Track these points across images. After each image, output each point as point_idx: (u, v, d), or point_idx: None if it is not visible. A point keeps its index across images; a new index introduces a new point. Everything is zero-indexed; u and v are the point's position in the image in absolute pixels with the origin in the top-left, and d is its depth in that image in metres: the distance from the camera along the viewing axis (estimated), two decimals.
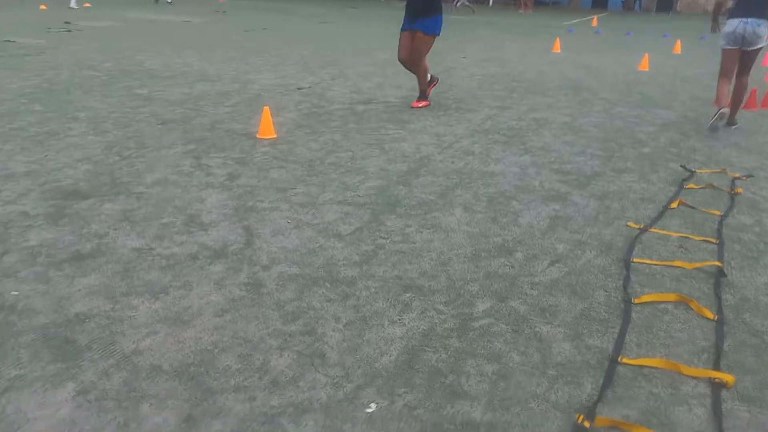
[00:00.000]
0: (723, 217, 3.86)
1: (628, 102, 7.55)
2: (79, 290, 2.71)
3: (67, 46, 10.46)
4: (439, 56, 10.10)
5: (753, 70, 6.24)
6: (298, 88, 7.46)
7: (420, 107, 6.64)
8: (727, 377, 2.27)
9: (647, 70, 10.13)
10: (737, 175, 4.72)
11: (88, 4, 20.09)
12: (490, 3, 31.66)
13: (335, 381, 2.20)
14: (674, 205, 4.04)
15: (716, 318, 2.68)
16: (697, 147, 5.53)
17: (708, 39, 15.89)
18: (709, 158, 5.19)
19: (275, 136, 5.30)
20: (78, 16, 16.42)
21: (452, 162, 4.83)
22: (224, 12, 19.61)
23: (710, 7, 17.69)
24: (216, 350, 2.34)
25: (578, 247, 3.39)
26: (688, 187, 4.42)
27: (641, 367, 2.35)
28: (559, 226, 3.65)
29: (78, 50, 10.06)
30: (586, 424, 2.02)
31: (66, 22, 14.16)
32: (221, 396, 2.10)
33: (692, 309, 2.76)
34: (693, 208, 4.00)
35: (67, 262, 2.96)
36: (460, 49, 12.05)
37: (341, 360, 2.32)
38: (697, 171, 4.78)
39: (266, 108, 5.37)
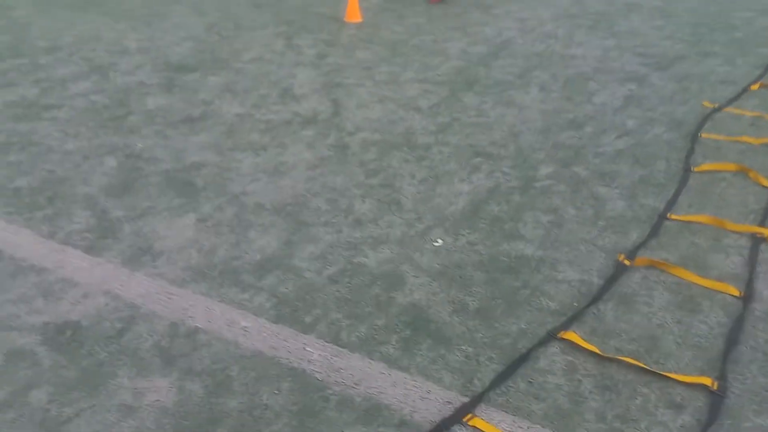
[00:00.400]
0: None
1: None
2: (195, 143, 3.16)
3: None
4: None
5: None
6: None
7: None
8: None
9: None
10: None
11: None
12: None
13: (408, 222, 2.56)
14: (755, 87, 4.03)
15: None
16: None
17: None
18: None
19: (361, 19, 5.50)
20: None
21: (533, 45, 4.91)
22: None
23: None
24: (308, 195, 2.74)
25: (648, 123, 3.52)
26: None
27: (688, 222, 2.57)
28: (633, 105, 3.77)
29: None
30: (627, 263, 2.30)
31: None
32: (313, 228, 2.50)
33: (750, 178, 2.90)
34: None
35: (181, 123, 3.40)
36: None
37: (414, 207, 2.67)
38: None
39: None
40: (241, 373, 1.80)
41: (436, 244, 2.42)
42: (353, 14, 5.48)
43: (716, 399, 1.73)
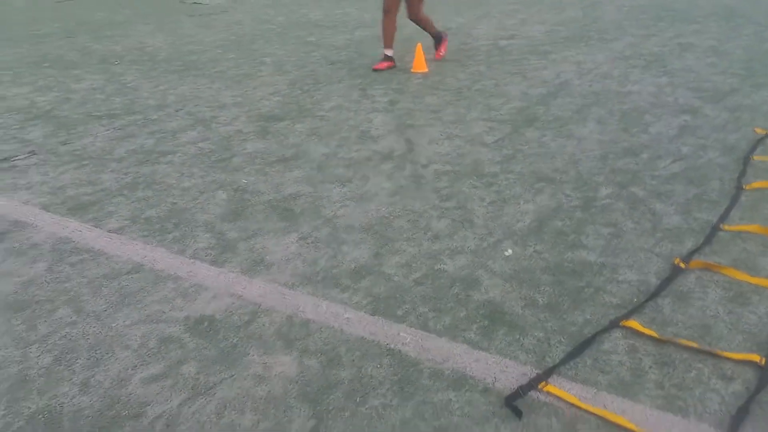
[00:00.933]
0: None
1: None
2: (290, 179, 3.63)
3: (243, 5, 11.77)
4: None
5: None
6: (447, 29, 8.05)
7: (443, 54, 6.46)
8: None
9: None
10: None
11: None
12: None
13: (481, 236, 2.91)
14: None
15: None
16: None
17: None
18: None
19: (426, 70, 5.99)
20: None
21: (590, 85, 5.25)
22: None
23: None
24: (391, 217, 3.14)
25: (702, 149, 3.79)
26: None
27: (740, 232, 2.82)
28: (687, 134, 4.04)
29: (253, 7, 11.31)
30: (682, 265, 2.57)
31: None
32: (397, 243, 2.88)
33: None
34: None
35: (277, 163, 3.89)
36: None
37: (485, 224, 3.02)
38: None
39: (419, 44, 6.07)
40: (348, 352, 2.17)
41: (506, 253, 2.75)
42: (419, 65, 5.98)
43: (764, 373, 1.98)
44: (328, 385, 2.03)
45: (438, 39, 6.36)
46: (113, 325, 2.38)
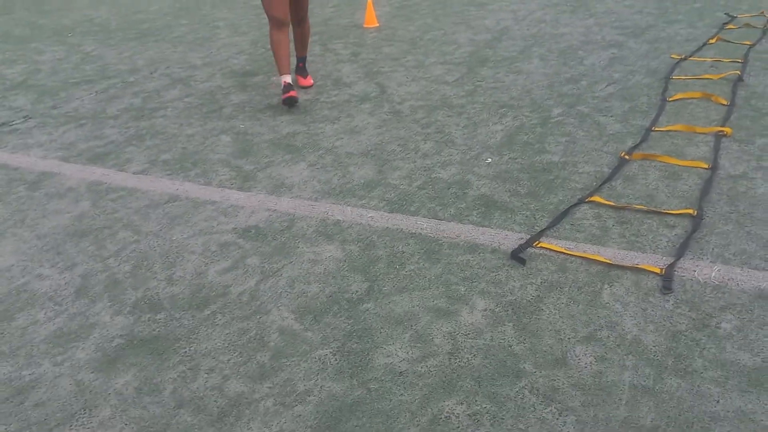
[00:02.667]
0: (751, 45, 4.79)
1: None
2: (283, 121, 4.07)
3: None
4: None
5: None
6: None
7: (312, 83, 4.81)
8: (727, 129, 3.38)
9: None
10: None
11: None
12: None
13: (463, 151, 3.46)
14: (713, 41, 4.98)
15: (728, 103, 3.75)
16: None
17: None
18: (753, 6, 5.98)
19: (378, 24, 6.46)
20: None
21: (528, 29, 5.87)
22: None
23: None
24: (383, 143, 3.65)
25: (630, 74, 4.46)
26: (728, 27, 5.31)
27: (668, 131, 3.49)
28: (616, 63, 4.71)
29: None
30: (627, 157, 3.21)
31: None
32: (394, 162, 3.40)
33: (712, 100, 3.83)
34: (728, 41, 4.93)
35: (266, 109, 4.31)
36: None
37: (464, 142, 3.58)
38: (738, 15, 5.63)
39: (369, 2, 6.52)
40: (379, 238, 2.69)
41: (487, 161, 3.32)
42: (371, 21, 6.43)
43: (696, 220, 2.63)
44: (371, 260, 2.55)
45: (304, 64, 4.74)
46: (173, 239, 2.82)
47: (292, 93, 4.17)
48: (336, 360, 2.04)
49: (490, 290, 2.31)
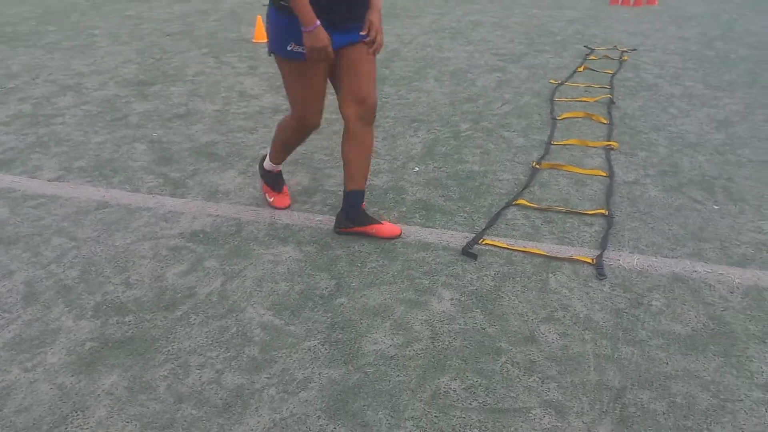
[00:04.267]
0: (613, 74, 5.48)
1: (541, 5, 9.08)
2: (197, 131, 4.01)
3: None
4: None
5: None
6: (264, 4, 8.53)
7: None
8: (614, 143, 3.88)
9: None
10: (625, 48, 6.37)
11: None
12: None
13: (389, 161, 3.65)
14: (580, 69, 5.63)
15: (607, 122, 4.29)
16: (596, 33, 7.15)
17: None
18: (605, 41, 6.82)
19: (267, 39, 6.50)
20: None
21: (416, 52, 6.23)
22: None
23: None
24: (309, 153, 3.73)
25: (518, 95, 4.92)
26: (590, 58, 6.02)
27: (565, 145, 3.92)
28: (504, 85, 5.17)
29: None
30: (537, 167, 3.57)
31: None
32: (326, 170, 3.50)
33: (593, 119, 4.36)
34: (593, 70, 5.60)
35: (175, 118, 4.22)
36: None
37: (388, 153, 3.77)
38: (596, 48, 6.40)
39: (259, 16, 6.55)
40: (333, 240, 2.78)
41: (415, 170, 3.54)
42: (261, 36, 6.47)
43: (609, 219, 3.01)
44: (331, 259, 2.64)
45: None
46: (116, 244, 2.71)
47: (286, 201, 3.03)
48: (326, 349, 2.11)
49: (452, 282, 2.50)
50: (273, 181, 3.05)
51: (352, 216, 2.78)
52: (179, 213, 2.99)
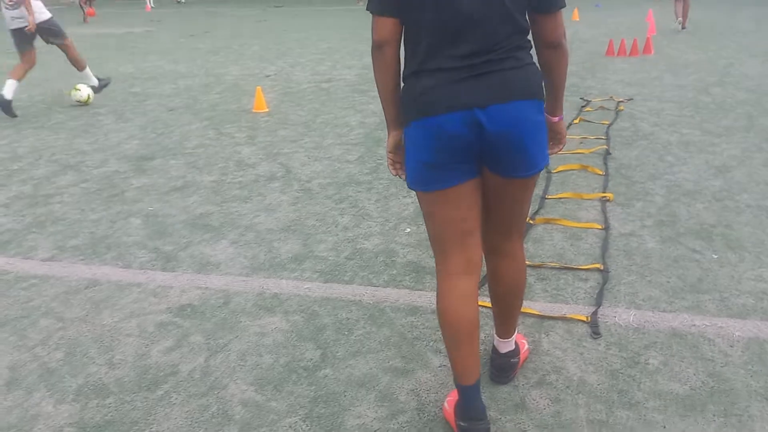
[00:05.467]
0: (609, 125, 5.49)
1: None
2: (193, 202, 4.04)
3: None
4: None
5: None
6: (266, 75, 8.76)
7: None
8: (609, 195, 3.84)
9: None
10: (621, 99, 6.41)
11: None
12: None
13: (381, 223, 3.63)
14: (576, 121, 5.65)
15: (603, 173, 4.26)
16: (593, 85, 7.20)
17: (602, 5, 17.96)
18: (602, 91, 6.86)
19: (268, 109, 6.63)
20: None
21: None
22: (159, 21, 20.35)
23: None
24: (301, 219, 3.73)
25: None
26: (586, 110, 6.05)
27: (559, 199, 3.89)
28: None
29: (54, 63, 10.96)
30: (531, 222, 3.53)
31: None
32: (317, 235, 3.49)
33: (589, 171, 4.33)
34: (589, 121, 5.62)
35: (172, 192, 4.26)
36: None
37: (380, 215, 3.76)
38: (592, 100, 6.44)
39: (258, 88, 6.70)
40: (321, 308, 2.74)
41: (407, 231, 3.51)
42: (260, 106, 6.60)
43: (605, 274, 2.95)
44: (318, 328, 2.59)
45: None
46: (103, 323, 2.69)
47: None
48: (307, 426, 2.04)
49: (440, 348, 2.43)
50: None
51: None
52: (169, 287, 2.97)
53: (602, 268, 2.98)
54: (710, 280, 2.84)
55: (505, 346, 2.21)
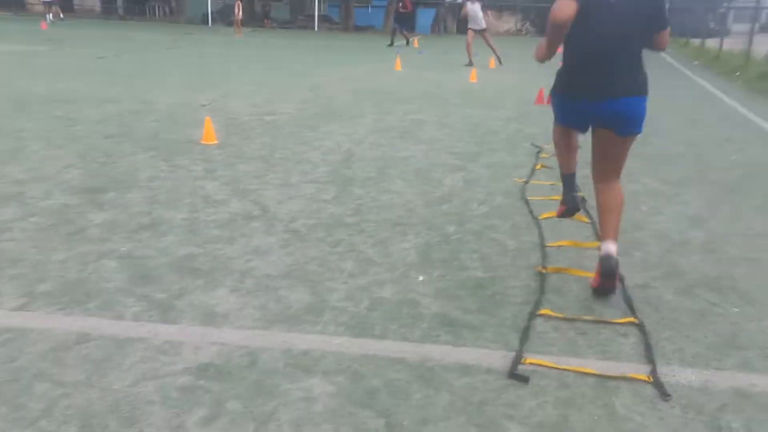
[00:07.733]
0: None
1: (471, 105, 9.38)
2: (171, 243, 3.64)
3: None
4: (307, 77, 11.40)
5: None
6: (202, 105, 8.31)
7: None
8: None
9: (476, 81, 12.20)
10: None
11: None
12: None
13: (389, 270, 3.42)
14: (538, 167, 5.73)
15: (589, 221, 4.29)
16: (537, 132, 7.38)
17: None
18: (548, 138, 7.03)
19: (217, 141, 6.24)
20: None
21: (371, 151, 6.15)
22: (60, 40, 19.00)
23: None
24: (299, 264, 3.44)
25: (490, 194, 4.88)
26: (542, 156, 6.16)
27: (560, 246, 3.85)
28: (472, 184, 5.13)
29: None
30: (544, 271, 3.45)
31: None
32: (324, 283, 3.22)
33: (574, 218, 4.35)
34: (550, 168, 5.70)
35: (142, 230, 3.83)
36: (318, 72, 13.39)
37: (384, 261, 3.54)
38: (543, 146, 6.58)
39: (208, 118, 6.31)
40: (362, 367, 2.48)
41: (420, 279, 3.32)
42: (209, 137, 6.22)
43: (641, 328, 2.89)
44: (369, 392, 2.33)
45: None
46: (114, 387, 2.28)
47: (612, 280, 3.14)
48: None
49: (512, 413, 2.25)
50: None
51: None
52: (178, 343, 2.60)
53: (637, 322, 2.93)
54: (745, 335, 2.86)
55: (608, 247, 3.15)
